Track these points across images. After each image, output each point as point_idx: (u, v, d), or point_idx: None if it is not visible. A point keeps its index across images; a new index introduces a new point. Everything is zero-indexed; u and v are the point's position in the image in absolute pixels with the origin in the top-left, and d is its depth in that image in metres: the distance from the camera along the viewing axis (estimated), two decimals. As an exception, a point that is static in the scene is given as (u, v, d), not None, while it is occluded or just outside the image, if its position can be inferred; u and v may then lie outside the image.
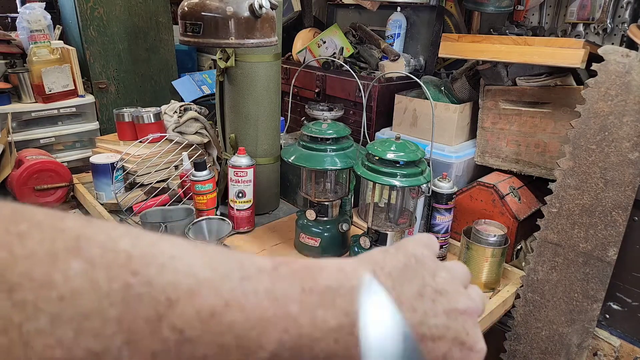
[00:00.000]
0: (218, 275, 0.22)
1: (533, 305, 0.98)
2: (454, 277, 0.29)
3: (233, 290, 0.21)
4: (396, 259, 0.28)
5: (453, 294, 0.27)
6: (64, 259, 0.19)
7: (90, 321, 0.18)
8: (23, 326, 0.17)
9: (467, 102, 1.23)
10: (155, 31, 2.14)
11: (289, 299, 0.23)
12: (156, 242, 0.22)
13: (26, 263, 0.18)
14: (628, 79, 0.83)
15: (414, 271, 0.27)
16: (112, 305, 0.19)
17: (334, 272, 0.25)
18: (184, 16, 0.83)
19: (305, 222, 1.08)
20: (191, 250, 0.23)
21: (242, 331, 0.21)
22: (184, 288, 0.20)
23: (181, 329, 0.20)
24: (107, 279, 0.19)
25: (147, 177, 1.29)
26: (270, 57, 1.16)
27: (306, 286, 0.23)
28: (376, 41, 1.51)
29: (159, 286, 0.20)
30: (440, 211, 1.04)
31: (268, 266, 0.24)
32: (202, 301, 0.20)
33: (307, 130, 1.03)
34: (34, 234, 0.19)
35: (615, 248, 0.87)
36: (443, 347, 0.26)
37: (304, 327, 0.22)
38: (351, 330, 0.23)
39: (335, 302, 0.23)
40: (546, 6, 1.36)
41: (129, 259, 0.20)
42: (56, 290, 0.18)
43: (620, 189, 0.85)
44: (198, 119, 1.38)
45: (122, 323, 0.19)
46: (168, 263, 0.21)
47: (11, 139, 1.28)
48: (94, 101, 1.96)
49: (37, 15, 1.78)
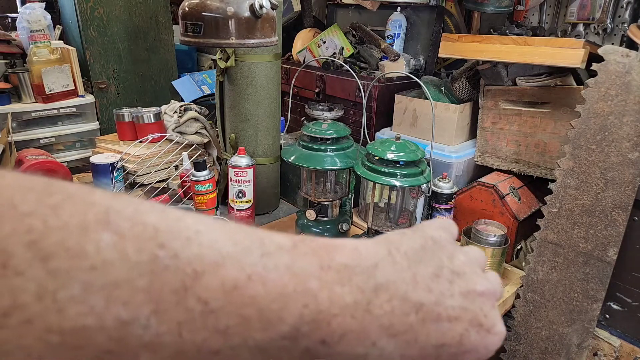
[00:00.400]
0: (240, 250, 0.22)
1: (533, 305, 0.98)
2: (471, 260, 0.29)
3: (255, 264, 0.22)
4: (413, 240, 0.28)
5: (470, 276, 0.27)
6: (95, 231, 0.19)
7: (120, 290, 0.19)
8: (57, 293, 0.18)
9: (467, 102, 1.23)
10: (155, 31, 2.14)
11: (308, 275, 0.23)
12: (181, 217, 0.22)
13: (60, 233, 0.18)
14: (628, 79, 0.83)
15: (431, 252, 0.27)
16: (141, 276, 0.19)
17: (350, 251, 0.25)
18: (185, 16, 0.83)
19: (305, 222, 1.08)
20: (214, 225, 0.23)
21: (263, 304, 0.22)
22: (209, 261, 0.21)
23: (206, 300, 0.20)
24: (135, 250, 0.20)
25: (147, 177, 1.29)
26: (270, 57, 1.16)
27: (324, 263, 0.24)
28: (376, 41, 1.51)
29: (185, 259, 0.20)
30: (440, 211, 1.04)
31: (287, 243, 0.24)
32: (226, 274, 0.21)
33: (307, 130, 1.03)
34: (66, 205, 0.19)
35: (615, 248, 0.87)
36: (459, 328, 0.26)
37: (323, 303, 0.23)
38: (367, 307, 0.24)
39: (352, 280, 0.24)
40: (546, 6, 1.36)
41: (156, 232, 0.21)
42: (88, 260, 0.19)
43: (620, 189, 0.85)
44: (198, 119, 1.38)
45: (150, 293, 0.19)
46: (193, 237, 0.21)
47: (11, 139, 1.28)
48: (94, 101, 1.96)
49: (37, 15, 1.78)
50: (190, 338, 0.20)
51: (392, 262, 0.26)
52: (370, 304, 0.24)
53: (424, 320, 0.25)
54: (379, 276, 0.25)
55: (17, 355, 0.17)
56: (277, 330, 0.22)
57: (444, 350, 0.25)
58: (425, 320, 0.25)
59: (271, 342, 0.22)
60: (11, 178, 0.19)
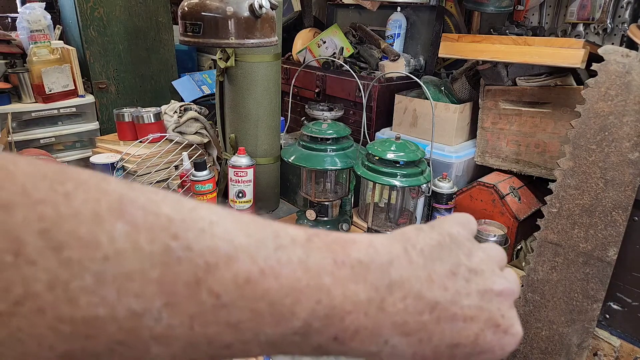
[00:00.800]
0: (254, 243, 0.22)
1: (533, 305, 0.98)
2: (490, 258, 0.28)
3: (268, 258, 0.22)
4: (429, 236, 0.27)
5: (489, 275, 0.27)
6: (109, 220, 0.19)
7: (132, 282, 0.19)
8: (69, 283, 0.18)
9: (467, 102, 1.23)
10: (155, 31, 2.14)
11: (322, 270, 0.23)
12: (195, 208, 0.22)
13: (72, 222, 0.18)
14: (628, 79, 0.83)
15: (448, 249, 0.27)
16: (153, 267, 0.19)
17: (365, 246, 0.25)
18: (184, 16, 0.83)
19: (305, 222, 1.08)
20: (228, 216, 0.23)
21: (276, 299, 0.21)
22: (222, 254, 0.21)
23: (218, 293, 0.20)
24: (149, 241, 0.19)
25: (147, 177, 1.29)
26: (270, 57, 1.16)
27: (338, 259, 0.23)
28: (376, 41, 1.51)
29: (198, 251, 0.20)
30: (440, 211, 1.04)
31: (302, 237, 0.24)
32: (239, 267, 0.21)
33: (307, 130, 1.03)
34: (79, 193, 0.19)
35: (615, 248, 0.87)
36: (475, 328, 0.25)
37: (336, 299, 0.22)
38: (380, 304, 0.23)
39: (366, 277, 0.24)
40: (546, 6, 1.36)
41: (170, 222, 0.20)
42: (101, 250, 0.18)
43: (620, 189, 0.85)
44: (198, 119, 1.38)
45: (163, 285, 0.19)
46: (207, 228, 0.21)
47: (11, 139, 1.28)
48: (94, 101, 1.96)
49: (37, 15, 1.78)
50: (202, 331, 0.20)
51: (408, 259, 0.25)
52: (384, 302, 0.23)
53: (438, 319, 0.24)
54: (394, 274, 0.24)
55: (29, 344, 0.17)
56: (289, 325, 0.22)
57: (459, 350, 0.25)
58: (440, 319, 0.24)
59: (283, 337, 0.22)
60: (24, 164, 0.19)
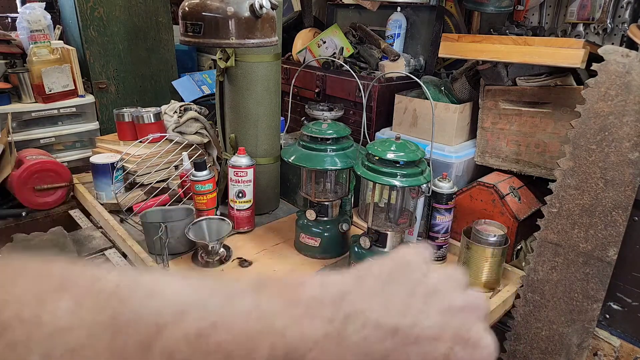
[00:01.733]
0: (203, 299, 0.22)
1: (533, 305, 0.98)
2: (448, 277, 0.28)
3: (218, 311, 0.22)
4: (384, 263, 0.28)
5: (447, 292, 0.27)
6: (52, 300, 0.20)
7: (82, 354, 0.19)
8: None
9: (467, 102, 1.23)
10: (155, 31, 2.14)
11: (274, 314, 0.23)
12: (141, 274, 0.23)
13: (14, 307, 0.19)
14: (628, 79, 0.83)
15: (403, 273, 0.27)
16: (103, 336, 0.20)
17: (317, 285, 0.25)
18: (185, 16, 0.83)
19: (305, 222, 1.08)
20: (175, 278, 0.24)
21: (230, 349, 0.21)
22: (171, 313, 0.21)
23: (170, 352, 0.20)
24: (95, 311, 0.20)
25: (147, 177, 1.29)
26: (270, 57, 1.16)
27: (291, 299, 0.24)
28: (376, 41, 1.51)
29: (146, 313, 0.21)
30: (440, 211, 1.04)
31: (250, 285, 0.24)
32: (189, 324, 0.21)
33: (307, 130, 1.03)
34: (19, 281, 0.20)
35: (615, 248, 0.87)
36: (442, 347, 0.25)
37: (292, 340, 0.23)
38: (339, 338, 0.23)
39: (322, 312, 0.24)
40: (546, 6, 1.36)
41: (117, 288, 0.21)
42: (45, 329, 0.19)
43: (620, 189, 0.85)
44: (198, 119, 1.38)
45: (114, 351, 0.20)
46: (154, 290, 0.22)
47: (11, 139, 1.28)
48: (94, 101, 1.96)
49: (37, 15, 1.78)
50: None
51: (361, 287, 0.25)
52: (342, 334, 0.23)
53: (402, 344, 0.24)
54: (348, 306, 0.24)
55: None
56: None
57: None
58: (404, 344, 0.24)
59: None
60: None
